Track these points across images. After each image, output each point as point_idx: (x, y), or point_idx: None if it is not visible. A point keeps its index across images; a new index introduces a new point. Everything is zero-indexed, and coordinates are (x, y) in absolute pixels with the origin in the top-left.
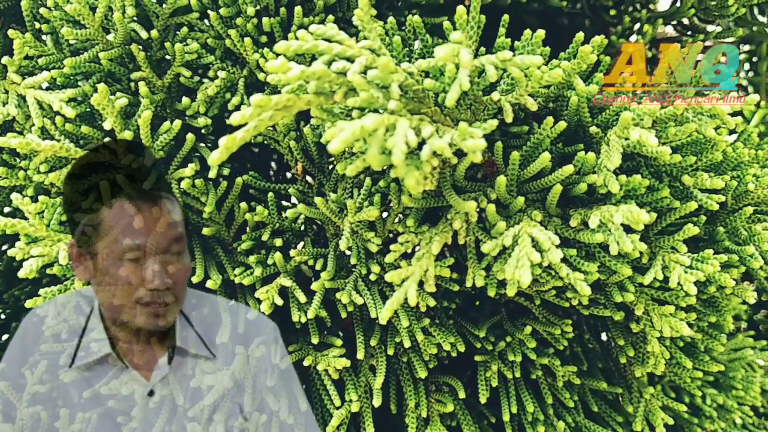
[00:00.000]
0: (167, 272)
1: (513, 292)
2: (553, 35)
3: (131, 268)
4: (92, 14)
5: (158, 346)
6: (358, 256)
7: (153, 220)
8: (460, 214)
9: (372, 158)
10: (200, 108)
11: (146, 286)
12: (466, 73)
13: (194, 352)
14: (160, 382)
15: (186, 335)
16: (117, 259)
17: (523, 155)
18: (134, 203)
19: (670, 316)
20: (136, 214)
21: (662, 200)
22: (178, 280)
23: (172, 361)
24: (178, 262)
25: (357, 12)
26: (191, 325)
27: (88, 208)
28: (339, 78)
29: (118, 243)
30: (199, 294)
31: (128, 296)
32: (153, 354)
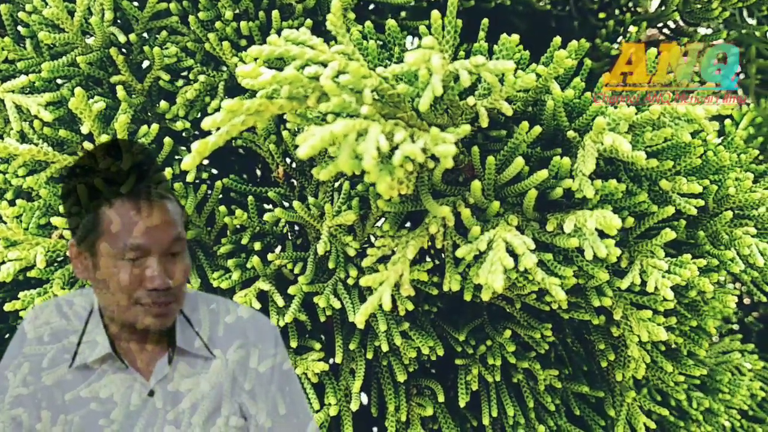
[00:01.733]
0: (167, 272)
1: (487, 296)
2: (541, 38)
3: (131, 267)
4: (71, 18)
5: (158, 346)
6: (336, 260)
7: (153, 220)
8: (437, 218)
9: (343, 163)
10: (179, 111)
11: (146, 286)
12: (438, 78)
13: (194, 352)
14: (160, 382)
15: (186, 335)
16: (117, 258)
17: (500, 160)
18: (134, 203)
19: (647, 321)
20: (137, 214)
21: (640, 204)
22: (179, 281)
23: (172, 361)
24: (178, 262)
25: (330, 17)
26: (191, 325)
27: (88, 208)
28: (312, 83)
29: (118, 243)
30: (199, 294)
31: (128, 296)
32: (153, 354)
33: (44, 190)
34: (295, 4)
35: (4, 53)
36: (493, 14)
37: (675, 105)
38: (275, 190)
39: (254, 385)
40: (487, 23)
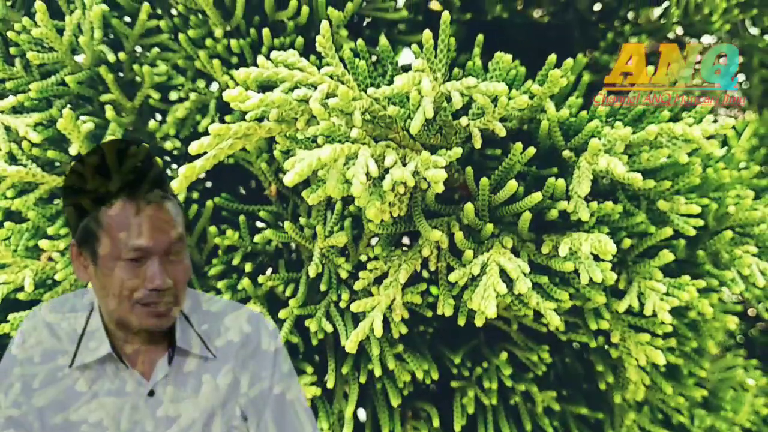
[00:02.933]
0: (168, 273)
1: (481, 322)
2: (540, 49)
3: (131, 268)
4: (60, 37)
5: (158, 346)
6: (328, 282)
7: (153, 220)
8: (430, 241)
9: (331, 189)
10: (170, 130)
11: (147, 287)
12: (429, 101)
13: (194, 352)
14: (160, 382)
15: (186, 335)
16: (117, 259)
17: (494, 180)
18: (135, 203)
19: (646, 345)
20: (137, 215)
21: (638, 225)
22: (179, 281)
23: (173, 362)
24: (178, 263)
25: (319, 39)
26: (191, 325)
27: (88, 208)
28: (301, 105)
29: (119, 243)
30: (199, 294)
31: (128, 296)
32: (153, 354)
33: (32, 212)
34: (287, 21)
35: None
36: (491, 26)
37: (672, 125)
38: (267, 209)
39: (254, 386)
40: (482, 39)
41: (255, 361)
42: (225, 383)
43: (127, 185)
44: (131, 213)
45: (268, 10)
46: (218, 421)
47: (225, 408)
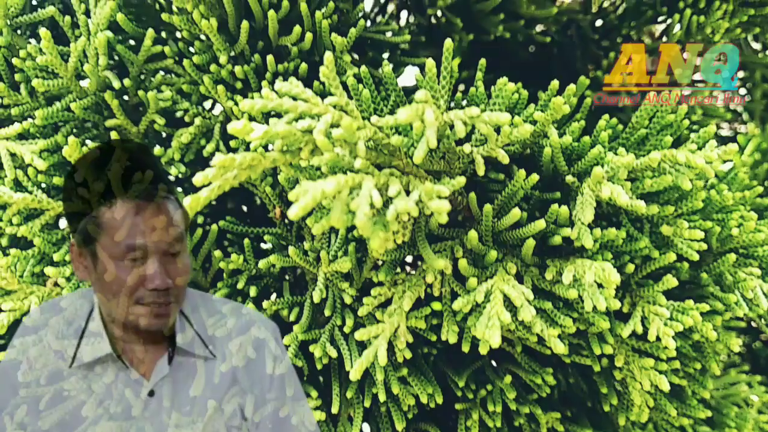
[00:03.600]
0: (168, 272)
1: (485, 351)
2: (543, 65)
3: (131, 268)
4: (65, 64)
5: (158, 346)
6: (333, 307)
7: (153, 220)
8: (430, 265)
9: (335, 220)
10: (175, 155)
11: (146, 286)
12: (432, 131)
13: (194, 352)
14: (160, 382)
15: (186, 335)
16: (117, 259)
17: (498, 205)
18: (134, 203)
19: (650, 369)
20: (137, 214)
21: (641, 250)
22: (179, 281)
23: (172, 361)
24: (178, 262)
25: (322, 69)
26: (191, 325)
27: (88, 208)
28: (305, 136)
29: (119, 243)
30: (199, 294)
31: (128, 296)
32: (153, 354)
33: (38, 238)
34: (290, 46)
35: None
36: (494, 45)
37: (674, 152)
38: (272, 231)
39: (254, 386)
40: (484, 64)
41: (254, 357)
42: (224, 384)
43: (126, 185)
44: (131, 213)
45: (272, 36)
46: (218, 421)
47: (225, 408)
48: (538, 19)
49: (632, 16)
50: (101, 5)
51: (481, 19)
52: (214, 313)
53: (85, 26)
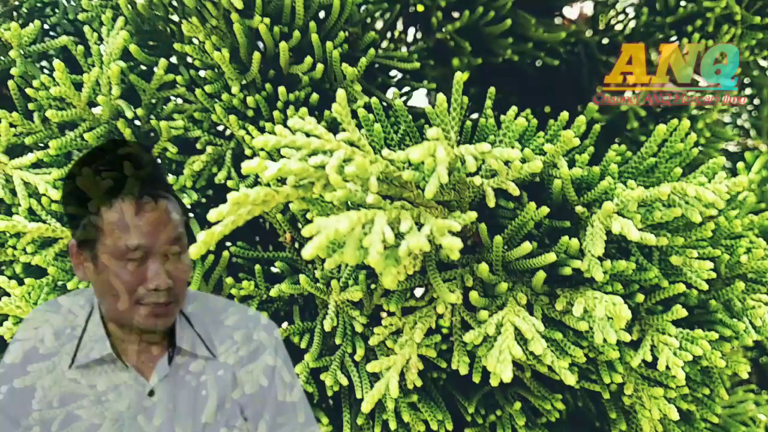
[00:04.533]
0: (167, 272)
1: (496, 383)
2: (551, 82)
3: (131, 268)
4: (78, 94)
5: (158, 346)
6: (343, 335)
7: (153, 220)
8: (441, 297)
9: (349, 257)
10: (187, 182)
11: (146, 286)
12: (443, 168)
13: (194, 352)
14: (160, 382)
15: (186, 335)
16: (117, 259)
17: (507, 234)
18: (135, 203)
19: (660, 398)
20: (137, 214)
21: (651, 279)
22: (179, 281)
23: (172, 361)
24: (178, 263)
25: (335, 106)
26: (191, 325)
27: (88, 208)
28: (317, 172)
29: (119, 243)
30: (199, 294)
31: (128, 296)
32: (153, 354)
33: (52, 267)
34: (302, 75)
35: (12, 130)
36: (502, 66)
37: (684, 186)
38: (282, 256)
39: (255, 387)
40: (493, 92)
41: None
42: (225, 384)
43: (126, 185)
44: (131, 213)
45: (284, 65)
46: (218, 421)
47: (225, 408)
48: (547, 42)
49: (640, 37)
50: (113, 35)
51: (490, 42)
52: (215, 313)
53: (97, 55)
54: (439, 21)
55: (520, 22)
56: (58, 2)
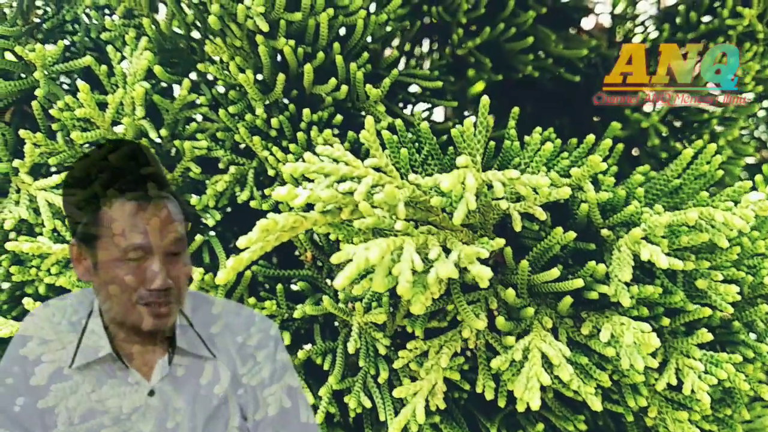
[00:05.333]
0: (168, 272)
1: (522, 408)
2: (569, 93)
3: (132, 268)
4: (102, 115)
5: (158, 346)
6: (366, 357)
7: (153, 220)
8: (467, 321)
9: (378, 285)
10: (209, 202)
11: (147, 287)
12: (471, 194)
13: (194, 352)
14: (160, 383)
15: (186, 335)
16: (117, 259)
17: (532, 257)
18: (135, 203)
19: (684, 422)
20: (137, 214)
21: (676, 303)
22: (179, 281)
23: (173, 362)
24: (178, 263)
25: (363, 133)
26: (191, 326)
27: (88, 208)
28: (345, 198)
29: (119, 243)
30: (199, 294)
31: (128, 296)
32: (153, 354)
33: (77, 288)
34: (325, 96)
35: (36, 150)
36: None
37: (712, 212)
38: (303, 274)
39: (255, 386)
40: (517, 112)
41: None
42: (225, 384)
43: (127, 185)
44: (131, 213)
45: (307, 85)
46: (218, 421)
47: (225, 408)
48: (567, 57)
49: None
50: (137, 55)
51: (511, 59)
52: (215, 314)
53: (121, 75)
54: (460, 38)
55: (540, 38)
56: (80, 20)
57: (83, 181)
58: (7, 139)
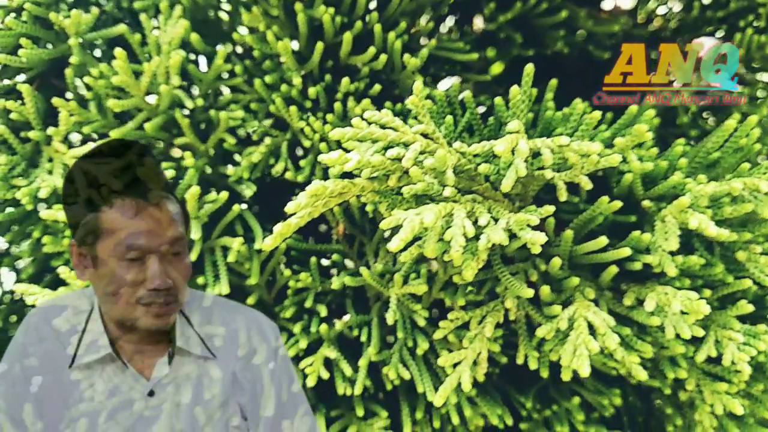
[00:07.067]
0: (168, 272)
1: (568, 376)
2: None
3: (132, 268)
4: (138, 83)
5: (158, 346)
6: (404, 328)
7: (153, 220)
8: (513, 293)
9: (430, 251)
10: (244, 174)
11: (147, 286)
12: (522, 161)
13: (194, 352)
14: (160, 382)
15: (186, 335)
16: (117, 259)
17: (574, 228)
18: (135, 203)
19: (723, 394)
20: (137, 214)
21: (716, 275)
22: (179, 280)
23: (172, 361)
24: (178, 262)
25: (412, 98)
26: (191, 325)
27: (88, 208)
28: (393, 164)
29: (119, 243)
30: (199, 294)
31: (128, 296)
32: (153, 354)
33: None
34: (361, 66)
35: (71, 119)
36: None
37: (756, 182)
38: (335, 248)
39: (255, 386)
40: (555, 84)
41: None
42: (225, 384)
43: (127, 185)
44: (131, 213)
45: (344, 55)
46: (218, 421)
47: (225, 408)
48: (596, 34)
49: (687, 29)
50: (172, 24)
51: (542, 34)
52: (215, 313)
53: (154, 44)
54: (492, 11)
55: (570, 15)
56: None
57: (84, 181)
58: (38, 107)
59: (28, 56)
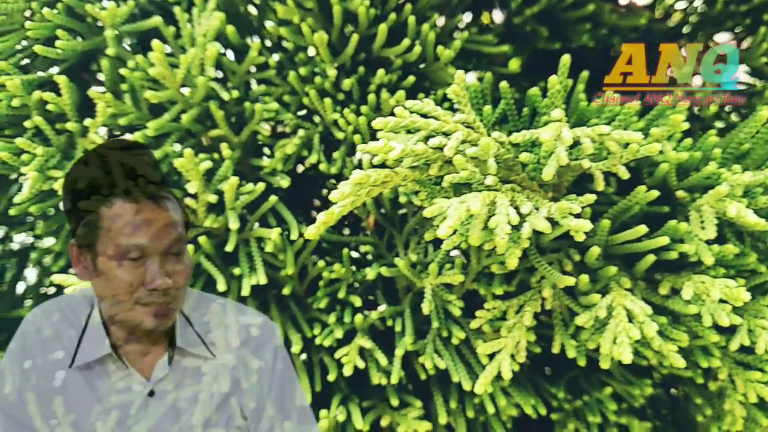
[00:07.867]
0: (167, 272)
1: (607, 364)
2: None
3: (131, 268)
4: (174, 75)
5: (158, 346)
6: (438, 318)
7: (153, 220)
8: (549, 281)
9: (474, 239)
10: (278, 166)
11: (146, 286)
12: (563, 148)
13: (194, 352)
14: (160, 382)
15: (186, 335)
16: (117, 259)
17: (609, 217)
18: (134, 203)
19: (756, 382)
20: (137, 214)
21: (749, 264)
22: (179, 280)
23: (172, 361)
24: (178, 263)
25: (453, 88)
26: (191, 325)
27: (88, 208)
28: (435, 153)
29: (118, 243)
30: (199, 294)
31: (128, 296)
32: (153, 354)
33: None
34: (394, 58)
35: (108, 111)
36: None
37: None
38: (366, 240)
39: (255, 386)
40: (586, 76)
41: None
42: (225, 384)
43: (126, 185)
44: (131, 213)
45: (377, 47)
46: (218, 421)
47: (225, 408)
48: (621, 28)
49: (710, 23)
50: (207, 16)
51: (567, 28)
52: (215, 313)
53: (189, 37)
54: (518, 5)
55: (595, 9)
56: None
57: (83, 180)
58: (74, 99)
59: (65, 47)
